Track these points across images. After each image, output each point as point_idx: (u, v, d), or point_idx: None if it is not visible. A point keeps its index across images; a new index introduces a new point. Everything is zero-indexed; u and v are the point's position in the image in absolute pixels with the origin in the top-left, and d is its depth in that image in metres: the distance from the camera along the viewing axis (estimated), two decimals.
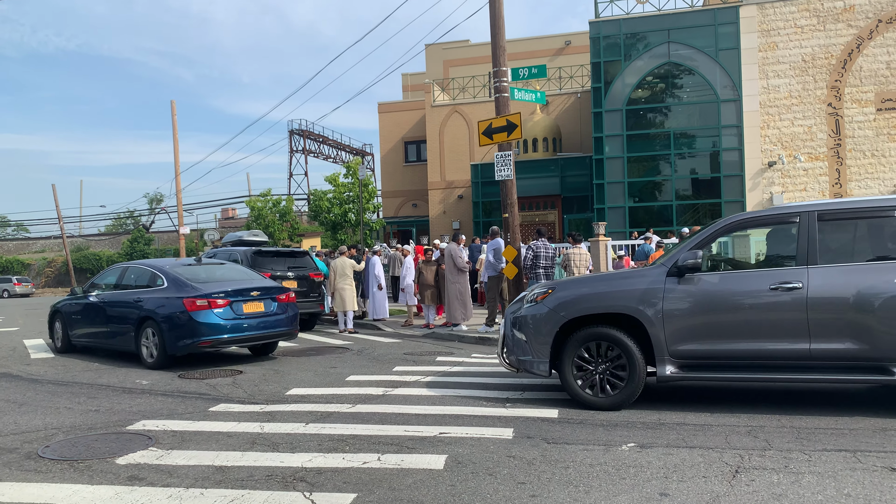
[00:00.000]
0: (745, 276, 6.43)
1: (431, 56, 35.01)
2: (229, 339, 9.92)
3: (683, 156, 24.20)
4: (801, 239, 6.24)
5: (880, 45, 22.42)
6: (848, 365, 6.03)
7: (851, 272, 6.02)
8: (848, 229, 6.32)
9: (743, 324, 6.21)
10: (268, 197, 34.09)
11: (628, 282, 6.72)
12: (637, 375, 6.43)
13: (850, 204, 6.33)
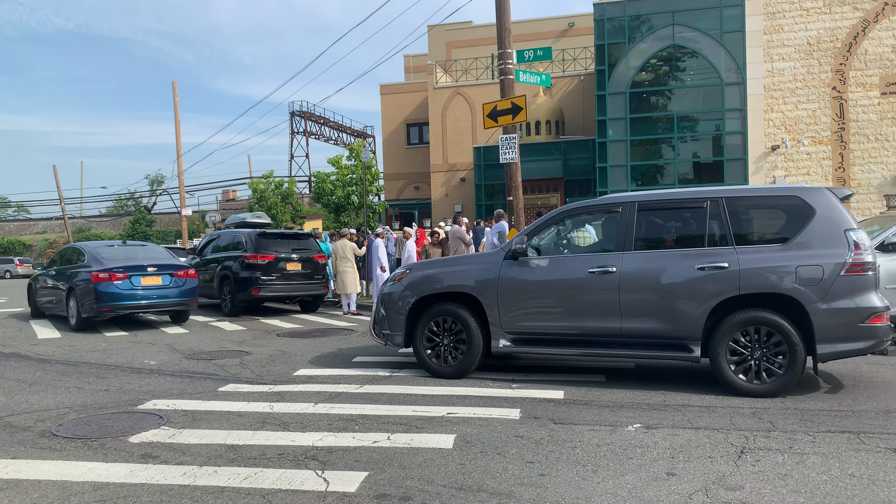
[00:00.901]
0: (570, 260, 7.06)
1: (434, 37, 34.81)
2: (126, 306, 12.08)
3: (686, 139, 24.15)
4: (619, 227, 6.92)
5: (886, 29, 22.29)
6: (655, 342, 6.66)
7: (658, 258, 6.65)
8: (662, 219, 7.02)
9: (566, 303, 6.89)
10: (270, 179, 34.04)
11: (472, 264, 7.52)
12: (474, 348, 7.23)
13: (665, 196, 7.01)
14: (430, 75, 30.53)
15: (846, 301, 6.12)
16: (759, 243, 6.45)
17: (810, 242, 6.27)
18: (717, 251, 6.45)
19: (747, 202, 6.65)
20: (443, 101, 30.16)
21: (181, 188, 33.60)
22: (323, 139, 52.72)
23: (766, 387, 6.19)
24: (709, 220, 6.63)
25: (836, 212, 6.35)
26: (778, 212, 6.60)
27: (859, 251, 6.18)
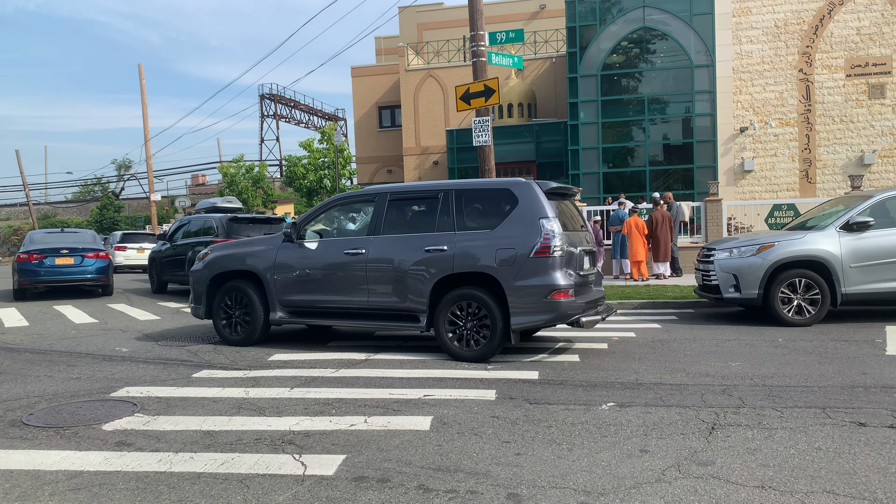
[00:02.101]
0: (332, 244, 8.16)
1: (405, 19, 34.51)
2: (42, 281, 15.08)
3: (657, 121, 24.35)
4: (374, 215, 8.04)
5: (851, 11, 22.63)
6: (394, 314, 7.75)
7: (398, 242, 7.72)
8: (406, 208, 8.09)
9: (327, 281, 7.96)
10: (241, 163, 33.66)
11: (257, 246, 8.58)
12: (256, 319, 8.41)
13: (410, 188, 8.16)
14: (401, 57, 30.31)
15: (534, 279, 7.08)
16: (474, 229, 7.48)
17: (511, 228, 7.28)
18: (442, 236, 7.54)
19: (470, 194, 7.71)
20: (415, 84, 29.98)
21: (149, 173, 33.04)
22: (294, 122, 52.17)
23: (475, 353, 7.26)
24: (440, 210, 7.71)
25: (536, 202, 7.31)
26: (492, 202, 7.60)
27: (548, 237, 7.11)
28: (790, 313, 9.18)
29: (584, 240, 7.92)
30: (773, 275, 9.26)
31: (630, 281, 14.81)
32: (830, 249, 9.15)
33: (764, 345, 7.87)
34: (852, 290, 9.12)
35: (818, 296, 9.11)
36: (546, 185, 7.57)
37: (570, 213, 8.11)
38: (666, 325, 9.58)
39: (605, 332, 9.04)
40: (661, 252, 14.94)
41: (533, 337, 8.81)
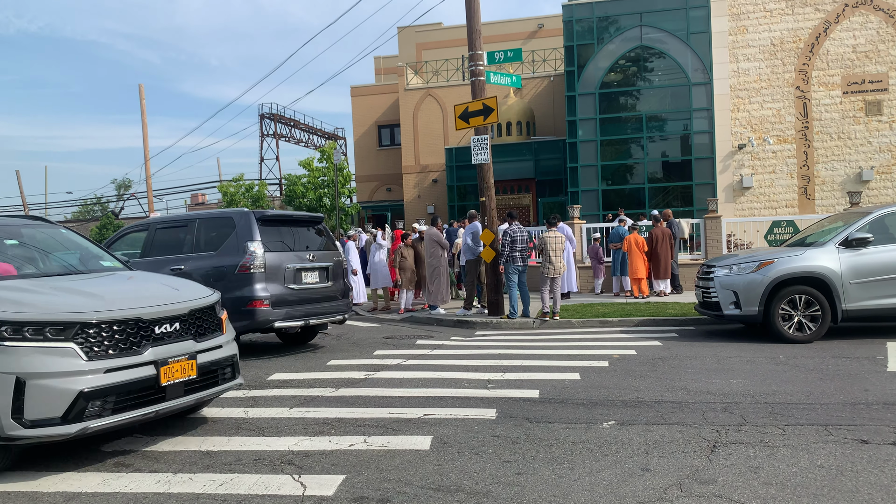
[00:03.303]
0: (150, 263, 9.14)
1: (404, 39, 34.77)
2: None
3: (655, 139, 24.43)
4: (146, 240, 9.69)
5: (847, 29, 22.80)
6: None
7: (156, 262, 9.00)
8: (168, 234, 9.62)
9: None
10: (240, 182, 33.72)
11: None
12: None
13: (173, 218, 10.08)
14: (400, 77, 30.48)
15: (237, 291, 8.66)
16: (205, 251, 9.14)
17: (227, 250, 8.98)
18: (184, 257, 9.15)
19: (207, 222, 9.42)
20: (414, 103, 30.14)
21: (149, 192, 33.10)
22: (293, 141, 52.30)
23: None
24: (188, 235, 9.33)
25: (248, 229, 8.97)
26: (220, 229, 9.21)
27: (249, 257, 8.81)
28: (791, 330, 9.16)
29: (310, 258, 9.49)
30: (773, 291, 9.24)
31: (630, 298, 14.79)
32: (830, 266, 9.14)
33: (765, 362, 7.85)
34: (853, 306, 9.10)
35: (818, 312, 9.09)
36: (263, 214, 9.30)
37: (303, 237, 9.76)
38: (667, 343, 9.55)
39: (605, 350, 9.02)
40: (661, 269, 14.94)
41: (536, 356, 8.79)
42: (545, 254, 11.97)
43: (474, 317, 12.66)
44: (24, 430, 4.22)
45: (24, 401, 4.20)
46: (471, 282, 13.45)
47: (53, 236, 6.45)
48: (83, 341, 4.45)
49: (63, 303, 4.68)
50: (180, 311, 5.12)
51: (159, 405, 4.80)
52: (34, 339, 4.33)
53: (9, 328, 4.30)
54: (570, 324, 11.74)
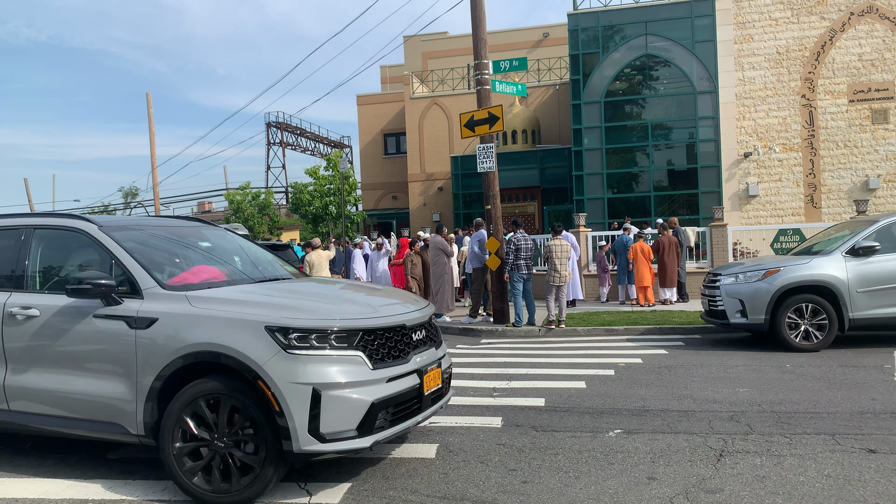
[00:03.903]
0: None
1: (410, 48, 34.92)
2: None
3: (661, 147, 24.43)
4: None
5: (852, 38, 22.80)
6: None
7: None
8: None
9: None
10: (247, 190, 33.88)
11: None
12: None
13: None
14: (406, 85, 30.60)
15: None
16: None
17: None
18: None
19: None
20: (419, 111, 30.23)
21: (156, 200, 33.26)
22: (300, 150, 52.53)
23: None
24: None
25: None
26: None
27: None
28: (797, 338, 9.13)
29: None
30: (779, 300, 9.22)
31: (636, 307, 14.76)
32: (837, 274, 9.12)
33: (771, 370, 7.82)
34: (860, 315, 9.07)
35: (825, 321, 9.06)
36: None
37: None
38: (672, 351, 9.53)
39: (611, 359, 9.00)
40: (667, 277, 14.91)
41: (541, 364, 8.78)
42: (550, 262, 11.97)
43: (480, 325, 12.66)
44: (320, 444, 3.92)
45: (321, 414, 3.90)
46: (477, 290, 13.45)
47: (226, 238, 6.00)
48: (365, 349, 4.15)
49: (336, 309, 4.37)
50: (426, 317, 4.83)
51: (418, 416, 4.48)
52: (321, 347, 4.02)
53: (297, 335, 4.00)
54: (575, 332, 11.73)
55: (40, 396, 4.58)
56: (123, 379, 4.31)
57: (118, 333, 4.35)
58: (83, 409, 4.44)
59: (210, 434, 4.08)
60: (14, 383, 4.67)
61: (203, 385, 4.08)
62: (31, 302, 4.72)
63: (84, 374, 4.44)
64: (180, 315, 4.22)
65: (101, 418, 4.39)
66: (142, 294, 4.42)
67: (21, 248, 4.96)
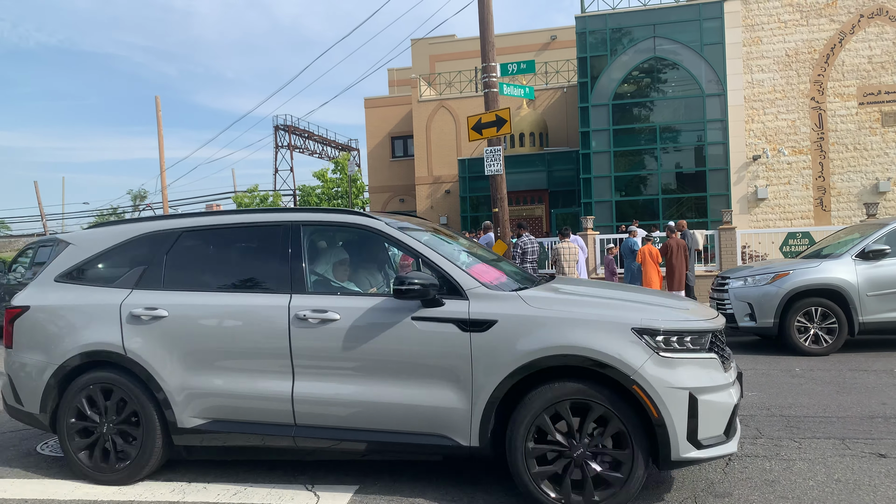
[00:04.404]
0: None
1: (417, 51, 34.99)
2: None
3: (669, 150, 24.38)
4: None
5: (862, 40, 22.70)
6: None
7: None
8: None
9: None
10: (255, 193, 33.99)
11: None
12: None
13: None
14: (413, 88, 30.65)
15: None
16: None
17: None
18: None
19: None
20: (427, 114, 30.28)
21: (165, 203, 33.42)
22: (307, 153, 52.62)
23: None
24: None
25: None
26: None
27: None
28: (807, 342, 9.08)
29: None
30: (788, 303, 9.17)
31: None
32: (846, 278, 9.06)
33: (780, 374, 7.78)
34: (870, 318, 9.01)
35: (835, 325, 9.01)
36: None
37: None
38: None
39: None
40: (675, 280, 14.85)
41: None
42: (558, 265, 11.95)
43: None
44: (697, 451, 3.75)
45: (698, 419, 3.74)
46: None
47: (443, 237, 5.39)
48: (715, 351, 3.98)
49: (673, 311, 4.11)
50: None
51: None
52: (687, 349, 3.86)
53: (664, 338, 3.82)
54: None
55: (340, 409, 4.18)
56: (454, 386, 3.99)
57: (448, 337, 4.01)
58: (399, 422, 4.07)
59: (569, 441, 3.82)
60: (305, 395, 4.24)
61: (561, 389, 3.82)
62: (325, 304, 4.27)
63: (401, 382, 4.07)
64: (522, 317, 3.93)
65: (423, 430, 4.04)
66: (465, 294, 4.08)
67: (292, 245, 4.51)
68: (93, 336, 4.60)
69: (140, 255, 4.83)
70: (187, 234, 4.77)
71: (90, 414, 4.59)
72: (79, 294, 4.82)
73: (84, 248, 5.00)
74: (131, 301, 4.63)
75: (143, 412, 4.48)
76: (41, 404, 4.72)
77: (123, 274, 4.80)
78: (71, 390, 4.63)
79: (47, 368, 4.69)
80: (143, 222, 4.97)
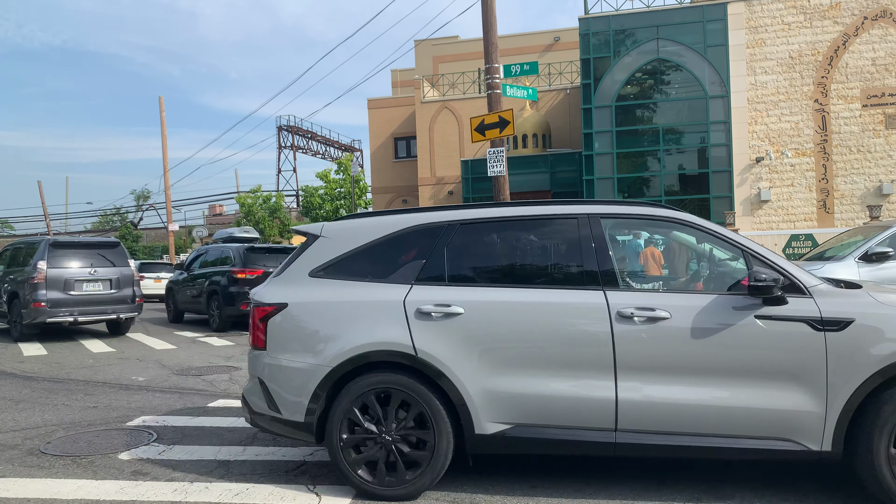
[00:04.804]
0: None
1: (421, 52, 35.02)
2: None
3: (672, 152, 24.38)
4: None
5: (866, 42, 22.68)
6: None
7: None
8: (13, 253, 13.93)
9: None
10: (258, 193, 34.03)
11: None
12: None
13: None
14: (417, 89, 30.68)
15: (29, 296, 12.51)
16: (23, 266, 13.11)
17: (30, 266, 12.72)
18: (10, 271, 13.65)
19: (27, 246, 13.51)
20: (430, 115, 30.30)
21: (168, 203, 33.48)
22: (310, 153, 52.76)
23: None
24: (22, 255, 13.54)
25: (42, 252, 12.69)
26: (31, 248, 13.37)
27: (39, 270, 12.40)
28: None
29: (91, 273, 12.86)
30: None
31: None
32: (850, 280, 9.04)
33: None
34: None
35: None
36: (56, 240, 12.91)
37: (92, 257, 13.06)
38: None
39: None
40: None
41: None
42: None
43: None
44: None
45: None
46: None
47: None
48: None
49: None
50: None
51: None
52: None
53: None
54: None
55: (671, 413, 3.93)
56: (805, 388, 3.81)
57: (799, 337, 3.83)
58: (738, 426, 3.87)
59: None
60: (632, 398, 3.97)
61: None
62: (651, 302, 4.04)
63: (743, 384, 3.87)
64: (881, 316, 3.79)
65: (765, 434, 3.85)
66: (808, 292, 3.91)
67: (595, 239, 4.23)
68: (375, 335, 4.17)
69: (411, 248, 4.45)
70: (465, 226, 4.43)
71: (366, 421, 4.17)
72: (346, 290, 4.37)
73: (341, 242, 4.55)
74: (416, 297, 4.24)
75: (433, 417, 4.09)
76: (307, 412, 4.24)
77: (396, 268, 4.40)
78: (345, 395, 4.18)
79: (316, 372, 4.20)
80: (409, 214, 4.58)
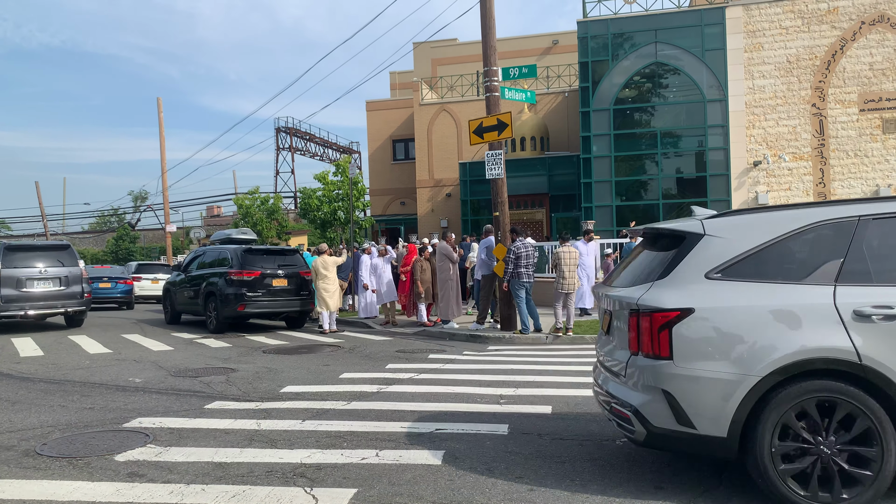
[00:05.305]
0: None
1: (419, 54, 35.02)
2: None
3: (670, 155, 24.40)
4: None
5: (863, 47, 22.73)
6: None
7: None
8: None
9: None
10: (256, 195, 33.95)
11: None
12: None
13: None
14: (415, 92, 30.68)
15: None
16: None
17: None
18: None
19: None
20: (428, 118, 30.30)
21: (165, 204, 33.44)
22: (308, 155, 52.70)
23: None
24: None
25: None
26: None
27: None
28: None
29: (41, 272, 14.52)
30: None
31: None
32: None
33: None
34: None
35: None
36: (10, 244, 14.61)
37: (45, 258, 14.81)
38: None
39: None
40: None
41: (549, 371, 8.77)
42: (559, 269, 11.95)
43: (487, 331, 12.65)
44: None
45: None
46: (485, 296, 13.44)
47: None
48: None
49: None
50: None
51: None
52: None
53: None
54: (583, 339, 11.70)
55: None
56: None
57: None
58: None
59: None
60: None
61: None
62: None
63: None
64: None
65: None
66: None
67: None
68: (811, 341, 3.87)
69: (821, 245, 4.14)
70: (878, 221, 4.11)
71: (803, 433, 3.88)
72: (758, 293, 4.06)
73: (736, 241, 4.21)
74: (847, 299, 3.93)
75: (882, 432, 3.80)
76: (730, 427, 3.93)
77: (810, 268, 4.09)
78: (778, 403, 3.89)
79: (743, 382, 3.90)
80: (811, 209, 4.26)
